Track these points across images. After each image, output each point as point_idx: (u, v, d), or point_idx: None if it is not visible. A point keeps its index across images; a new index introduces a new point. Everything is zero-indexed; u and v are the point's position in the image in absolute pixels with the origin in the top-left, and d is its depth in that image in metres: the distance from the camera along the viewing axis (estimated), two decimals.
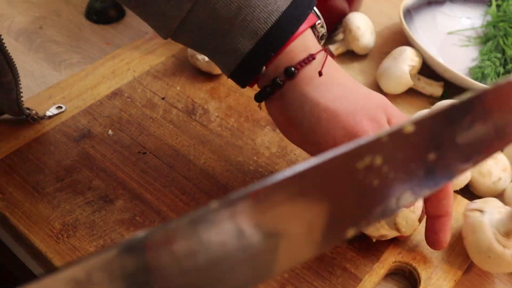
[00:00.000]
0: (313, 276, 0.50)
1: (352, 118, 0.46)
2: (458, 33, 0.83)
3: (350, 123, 0.45)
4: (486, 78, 0.71)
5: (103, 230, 0.53)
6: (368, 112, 0.46)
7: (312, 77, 0.47)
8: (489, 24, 0.81)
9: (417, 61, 0.71)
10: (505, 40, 0.76)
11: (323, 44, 0.51)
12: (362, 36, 0.76)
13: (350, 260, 0.51)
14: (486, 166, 0.59)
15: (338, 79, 0.48)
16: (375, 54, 0.81)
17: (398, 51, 0.72)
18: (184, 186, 0.57)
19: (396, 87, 0.72)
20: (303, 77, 0.47)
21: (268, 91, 0.49)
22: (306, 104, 0.47)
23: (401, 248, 0.52)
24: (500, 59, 0.74)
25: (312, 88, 0.47)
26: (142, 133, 0.63)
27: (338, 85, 0.48)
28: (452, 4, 0.85)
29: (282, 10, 0.46)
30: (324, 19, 0.51)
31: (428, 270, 0.51)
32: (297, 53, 0.47)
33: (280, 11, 0.46)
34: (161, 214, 0.54)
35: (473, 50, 0.80)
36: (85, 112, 0.65)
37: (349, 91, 0.48)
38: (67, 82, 0.68)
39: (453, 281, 0.51)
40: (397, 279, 0.53)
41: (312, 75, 0.47)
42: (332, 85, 0.48)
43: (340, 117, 0.46)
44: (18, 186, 0.56)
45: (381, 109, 0.47)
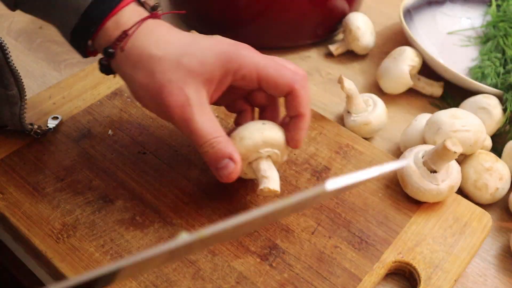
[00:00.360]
0: (313, 276, 0.50)
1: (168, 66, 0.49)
2: (458, 33, 0.83)
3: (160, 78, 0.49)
4: (486, 78, 0.71)
5: (103, 230, 0.53)
6: (188, 65, 0.49)
7: (144, 37, 0.50)
8: (489, 24, 0.81)
9: (417, 61, 0.71)
10: (505, 40, 0.76)
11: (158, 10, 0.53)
12: (362, 36, 0.76)
13: (350, 260, 0.51)
14: (482, 180, 0.58)
15: (168, 37, 0.51)
16: (375, 54, 0.81)
17: (398, 51, 0.72)
18: (184, 186, 0.57)
19: (396, 87, 0.72)
20: (131, 48, 0.50)
21: (105, 65, 0.52)
22: (143, 62, 0.50)
23: (401, 248, 0.53)
24: (500, 59, 0.74)
25: (148, 45, 0.50)
26: (142, 133, 0.63)
27: (167, 43, 0.50)
28: (452, 4, 0.85)
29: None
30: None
31: (428, 270, 0.51)
32: (113, 31, 0.50)
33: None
34: (161, 214, 0.54)
35: (473, 50, 0.80)
36: (85, 112, 0.65)
37: (186, 43, 0.51)
38: (67, 82, 0.68)
39: (453, 281, 0.51)
40: (397, 279, 0.53)
41: (140, 43, 0.50)
42: (164, 43, 0.50)
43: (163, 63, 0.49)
44: (18, 186, 0.56)
45: (219, 62, 0.49)
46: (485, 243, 0.57)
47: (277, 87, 0.50)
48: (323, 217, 0.55)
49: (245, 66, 0.49)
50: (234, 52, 0.50)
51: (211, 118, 0.50)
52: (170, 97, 0.48)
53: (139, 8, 0.51)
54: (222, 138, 0.50)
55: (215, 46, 0.50)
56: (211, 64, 0.49)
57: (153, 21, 0.52)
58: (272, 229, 0.53)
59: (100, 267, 0.28)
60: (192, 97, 0.49)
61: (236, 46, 0.51)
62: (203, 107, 0.49)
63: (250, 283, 0.49)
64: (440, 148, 0.53)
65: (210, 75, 0.49)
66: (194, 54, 0.49)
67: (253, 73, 0.50)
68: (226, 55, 0.49)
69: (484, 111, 0.64)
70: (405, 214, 0.55)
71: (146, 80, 0.49)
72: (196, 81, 0.49)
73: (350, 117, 0.65)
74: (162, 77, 0.49)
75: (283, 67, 0.51)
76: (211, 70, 0.49)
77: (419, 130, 0.62)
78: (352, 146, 0.62)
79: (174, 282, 0.49)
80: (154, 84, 0.49)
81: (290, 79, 0.50)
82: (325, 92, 0.74)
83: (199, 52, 0.49)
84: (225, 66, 0.49)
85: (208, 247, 0.50)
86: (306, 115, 0.51)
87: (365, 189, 0.58)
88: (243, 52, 0.50)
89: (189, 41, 0.50)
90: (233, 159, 0.49)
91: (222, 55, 0.49)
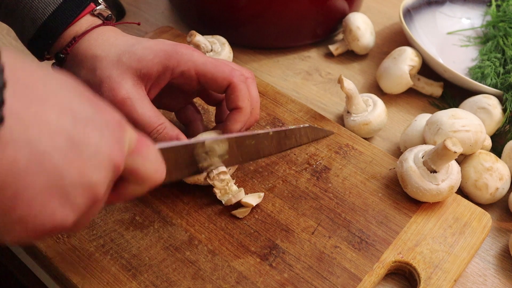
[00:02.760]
0: (313, 276, 0.50)
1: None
2: (458, 33, 0.83)
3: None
4: (486, 78, 0.71)
5: (103, 230, 0.53)
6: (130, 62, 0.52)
7: (91, 40, 0.53)
8: (489, 24, 0.81)
9: (417, 61, 0.71)
10: (505, 40, 0.76)
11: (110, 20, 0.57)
12: (362, 36, 0.76)
13: (350, 260, 0.51)
14: (482, 180, 0.59)
15: (114, 40, 0.53)
16: (375, 54, 0.81)
17: (398, 51, 0.72)
18: (184, 186, 0.57)
19: (396, 87, 0.72)
20: (77, 49, 0.53)
21: (57, 64, 0.55)
22: (86, 61, 0.53)
23: (401, 248, 0.53)
24: (500, 59, 0.74)
25: (93, 47, 0.53)
26: None
27: (111, 45, 0.53)
28: (452, 4, 0.85)
29: (59, 2, 0.53)
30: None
31: (428, 270, 0.51)
32: (65, 39, 0.54)
33: (57, 3, 0.53)
34: (161, 214, 0.54)
35: (473, 50, 0.80)
36: None
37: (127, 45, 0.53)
38: None
39: (453, 281, 0.51)
40: (397, 279, 0.53)
41: (87, 45, 0.53)
42: (109, 45, 0.53)
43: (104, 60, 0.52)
44: None
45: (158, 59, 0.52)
46: (485, 243, 0.57)
47: (215, 81, 0.53)
48: (323, 217, 0.55)
49: (184, 63, 0.52)
50: (172, 50, 0.52)
51: (152, 108, 0.52)
52: (110, 92, 0.51)
53: (94, 18, 0.55)
54: (166, 123, 0.52)
55: (156, 45, 0.53)
56: (149, 61, 0.52)
57: (105, 27, 0.55)
58: (272, 229, 0.54)
59: None
60: (130, 91, 0.51)
61: (176, 46, 0.53)
62: (142, 99, 0.52)
63: (250, 283, 0.49)
64: (440, 148, 0.53)
65: (148, 70, 0.52)
66: (134, 52, 0.52)
67: (192, 69, 0.52)
68: (164, 53, 0.52)
69: (484, 111, 0.64)
70: (405, 214, 0.55)
71: (88, 77, 0.52)
72: (134, 76, 0.52)
73: (350, 117, 0.65)
74: (101, 73, 0.51)
75: (222, 63, 0.53)
76: (149, 66, 0.51)
77: (419, 130, 0.62)
78: (352, 146, 0.62)
79: (174, 282, 0.49)
80: (94, 79, 0.51)
81: (228, 74, 0.53)
82: (325, 92, 0.74)
83: (139, 50, 0.52)
84: (163, 62, 0.52)
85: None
86: (244, 108, 0.53)
87: (365, 189, 0.58)
88: (182, 50, 0.52)
89: (132, 43, 0.53)
90: (180, 139, 0.52)
91: (160, 53, 0.52)
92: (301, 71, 0.78)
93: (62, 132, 0.32)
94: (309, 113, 0.65)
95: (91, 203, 0.35)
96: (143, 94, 0.52)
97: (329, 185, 0.58)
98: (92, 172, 0.34)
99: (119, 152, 0.36)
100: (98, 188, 0.34)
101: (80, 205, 0.34)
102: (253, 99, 0.55)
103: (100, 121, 0.35)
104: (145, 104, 0.51)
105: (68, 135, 0.32)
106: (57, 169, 0.32)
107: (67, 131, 0.32)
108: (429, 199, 0.55)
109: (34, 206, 0.32)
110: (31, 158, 0.31)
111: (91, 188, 0.34)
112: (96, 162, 0.34)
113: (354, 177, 0.59)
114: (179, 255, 0.51)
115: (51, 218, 0.33)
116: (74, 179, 0.33)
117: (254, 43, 0.79)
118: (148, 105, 0.52)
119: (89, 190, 0.34)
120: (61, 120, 0.32)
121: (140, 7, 0.87)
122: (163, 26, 0.78)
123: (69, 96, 0.34)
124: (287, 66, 0.78)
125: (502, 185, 0.59)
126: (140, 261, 0.50)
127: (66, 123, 0.32)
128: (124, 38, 0.54)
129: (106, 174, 0.35)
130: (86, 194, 0.34)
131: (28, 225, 0.32)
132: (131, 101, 0.51)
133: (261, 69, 0.77)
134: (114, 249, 0.51)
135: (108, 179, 0.36)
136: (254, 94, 0.55)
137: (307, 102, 0.72)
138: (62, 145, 0.32)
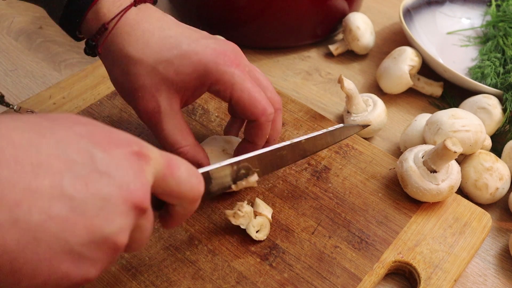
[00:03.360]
0: (313, 276, 0.50)
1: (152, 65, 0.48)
2: (458, 33, 0.83)
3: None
4: (486, 78, 0.71)
5: None
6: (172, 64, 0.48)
7: (125, 35, 0.49)
8: (489, 24, 0.81)
9: (417, 61, 0.71)
10: (504, 40, 0.76)
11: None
12: (362, 36, 0.76)
13: (350, 260, 0.51)
14: (482, 180, 0.58)
15: (148, 36, 0.49)
16: (375, 54, 0.81)
17: (398, 51, 0.72)
18: None
19: (396, 87, 0.72)
20: (110, 44, 0.49)
21: (89, 52, 0.52)
22: (120, 61, 0.49)
23: (401, 248, 0.53)
24: (500, 59, 0.74)
25: (127, 44, 0.49)
26: (142, 132, 0.63)
27: (146, 45, 0.49)
28: (452, 4, 0.85)
29: None
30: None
31: (428, 270, 0.51)
32: (93, 23, 0.50)
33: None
34: None
35: (473, 50, 0.80)
36: (85, 112, 0.65)
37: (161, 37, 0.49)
38: (67, 82, 0.68)
39: (453, 281, 0.51)
40: (397, 279, 0.53)
41: (120, 40, 0.49)
42: (142, 43, 0.49)
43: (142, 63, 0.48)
44: None
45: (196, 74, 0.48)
46: (485, 243, 0.57)
47: (244, 113, 0.51)
48: (323, 217, 0.55)
49: (222, 84, 0.49)
50: (213, 67, 0.48)
51: (180, 125, 0.50)
52: (141, 102, 0.49)
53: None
54: (189, 147, 0.50)
55: (196, 54, 0.48)
56: (187, 75, 0.48)
57: (137, 10, 0.50)
58: (272, 229, 0.53)
59: None
60: (162, 104, 0.49)
61: (218, 60, 0.49)
62: (173, 114, 0.49)
63: (250, 283, 0.49)
64: (440, 148, 0.53)
65: (185, 85, 0.49)
66: (171, 61, 0.48)
67: (227, 91, 0.49)
68: (204, 68, 0.48)
69: (484, 111, 0.64)
70: (405, 214, 0.55)
71: (121, 79, 0.49)
72: (169, 89, 0.49)
73: (350, 117, 0.65)
74: (135, 80, 0.48)
75: (259, 97, 0.50)
76: (186, 80, 0.48)
77: (419, 130, 0.62)
78: (352, 146, 0.62)
79: (174, 282, 0.49)
80: (128, 84, 0.49)
81: (259, 112, 0.50)
82: (325, 92, 0.74)
83: (177, 59, 0.48)
84: (201, 78, 0.49)
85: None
86: (258, 145, 0.53)
87: (365, 189, 0.58)
88: (223, 68, 0.48)
89: (170, 45, 0.48)
90: (202, 165, 0.50)
91: (200, 67, 0.48)
92: (301, 71, 0.78)
93: (59, 197, 0.30)
94: (309, 113, 0.65)
95: (112, 253, 0.33)
96: (176, 108, 0.50)
97: (329, 185, 0.58)
98: (103, 225, 0.31)
99: (139, 186, 0.33)
100: (115, 238, 0.32)
101: (101, 258, 0.32)
102: (276, 131, 0.54)
103: (109, 161, 0.32)
104: (174, 120, 0.49)
105: (66, 198, 0.30)
106: (57, 237, 0.30)
107: (64, 194, 0.30)
108: (429, 199, 0.55)
109: (40, 276, 0.30)
110: (21, 237, 0.29)
111: (106, 240, 0.32)
112: (106, 214, 0.32)
113: (354, 177, 0.59)
114: (179, 255, 0.51)
115: (66, 279, 0.31)
116: (82, 239, 0.31)
117: (254, 43, 0.79)
118: (177, 122, 0.50)
119: (105, 243, 0.32)
120: (56, 182, 0.30)
121: None
122: None
123: (67, 145, 0.31)
124: (287, 66, 0.78)
125: (502, 185, 0.59)
126: (140, 261, 0.50)
127: (62, 184, 0.30)
128: (162, 34, 0.49)
129: (124, 218, 0.33)
130: (103, 247, 0.32)
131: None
132: (160, 116, 0.49)
133: (261, 69, 0.77)
134: None
135: (129, 221, 0.33)
136: (278, 126, 0.54)
137: (307, 102, 0.72)
138: (60, 211, 0.30)
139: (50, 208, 0.29)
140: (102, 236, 0.31)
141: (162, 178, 0.37)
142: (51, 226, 0.30)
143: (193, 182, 0.39)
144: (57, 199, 0.30)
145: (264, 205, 0.54)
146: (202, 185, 0.40)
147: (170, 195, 0.38)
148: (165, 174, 0.37)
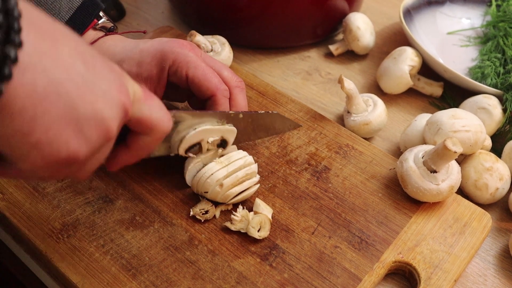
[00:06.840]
0: (313, 276, 0.50)
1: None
2: (458, 33, 0.83)
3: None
4: (486, 78, 0.71)
5: (103, 230, 0.53)
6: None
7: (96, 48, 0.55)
8: (489, 24, 0.81)
9: (417, 61, 0.71)
10: (505, 40, 0.76)
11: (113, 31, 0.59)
12: (362, 36, 0.76)
13: (350, 260, 0.51)
14: (482, 180, 0.58)
15: (113, 48, 0.55)
16: (375, 54, 0.81)
17: (398, 51, 0.72)
18: (184, 186, 0.57)
19: (396, 87, 0.72)
20: None
21: None
22: None
23: (401, 248, 0.53)
24: (500, 59, 0.74)
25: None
26: None
27: (112, 54, 0.55)
28: (452, 4, 0.85)
29: (63, 22, 0.54)
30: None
31: (428, 270, 0.51)
32: None
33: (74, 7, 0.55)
34: (161, 214, 0.54)
35: (473, 50, 0.80)
36: None
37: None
38: None
39: (453, 281, 0.51)
40: (397, 279, 0.53)
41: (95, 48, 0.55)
42: (109, 54, 0.55)
43: None
44: (18, 186, 0.56)
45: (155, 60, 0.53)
46: (485, 243, 0.57)
47: (200, 88, 0.54)
48: (323, 217, 0.55)
49: (178, 63, 0.53)
50: (169, 50, 0.54)
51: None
52: None
53: (96, 32, 0.57)
54: None
55: (152, 46, 0.54)
56: (148, 63, 0.54)
57: (105, 37, 0.57)
58: (272, 229, 0.53)
59: None
60: None
61: (173, 43, 0.54)
62: None
63: (250, 283, 0.49)
64: (440, 148, 0.53)
65: (148, 74, 0.54)
66: (133, 58, 0.54)
67: (183, 70, 0.54)
68: (161, 53, 0.54)
69: (484, 111, 0.64)
70: (405, 214, 0.55)
71: None
72: (137, 81, 0.52)
73: (350, 117, 0.65)
74: None
75: (212, 73, 0.55)
76: (149, 69, 0.54)
77: (419, 130, 0.62)
78: (352, 146, 0.62)
79: (174, 282, 0.49)
80: None
81: (213, 86, 0.54)
82: (325, 92, 0.74)
83: (137, 55, 0.54)
84: (160, 63, 0.54)
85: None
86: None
87: (365, 189, 0.58)
88: (178, 49, 0.54)
89: (130, 47, 0.55)
90: None
91: (157, 54, 0.54)
92: (301, 71, 0.78)
93: (74, 67, 0.34)
94: (309, 113, 0.65)
95: (103, 139, 0.37)
96: None
97: (329, 185, 0.58)
98: (104, 107, 0.36)
99: (126, 95, 0.38)
100: (110, 124, 0.36)
101: (93, 139, 0.36)
102: (237, 108, 0.56)
103: (106, 66, 0.37)
104: None
105: (79, 71, 0.34)
106: (71, 100, 0.33)
107: (78, 67, 0.34)
108: (429, 199, 0.55)
109: (50, 132, 0.33)
110: (48, 84, 0.32)
111: (103, 123, 0.36)
112: (107, 99, 0.36)
113: (354, 177, 0.59)
114: (179, 255, 0.51)
115: (65, 146, 0.34)
116: (87, 112, 0.35)
117: (254, 43, 0.79)
118: None
119: (102, 125, 0.36)
120: (73, 57, 0.34)
121: (140, 7, 0.87)
122: (163, 26, 0.78)
123: (79, 42, 0.36)
124: (287, 66, 0.78)
125: (502, 185, 0.59)
126: (140, 261, 0.50)
127: (77, 60, 0.34)
128: (122, 44, 0.56)
129: (117, 112, 0.37)
130: (99, 128, 0.36)
131: (44, 151, 0.33)
132: None
133: (261, 69, 0.77)
134: (114, 249, 0.51)
135: (118, 119, 0.37)
136: (242, 103, 0.57)
137: (307, 102, 0.72)
138: (75, 78, 0.34)
139: (70, 69, 0.34)
140: (102, 117, 0.36)
141: (137, 101, 0.41)
142: (69, 86, 0.33)
143: (163, 114, 0.44)
144: (73, 67, 0.34)
145: (264, 205, 0.54)
146: (171, 121, 0.45)
147: (140, 121, 0.42)
148: (140, 99, 0.41)
